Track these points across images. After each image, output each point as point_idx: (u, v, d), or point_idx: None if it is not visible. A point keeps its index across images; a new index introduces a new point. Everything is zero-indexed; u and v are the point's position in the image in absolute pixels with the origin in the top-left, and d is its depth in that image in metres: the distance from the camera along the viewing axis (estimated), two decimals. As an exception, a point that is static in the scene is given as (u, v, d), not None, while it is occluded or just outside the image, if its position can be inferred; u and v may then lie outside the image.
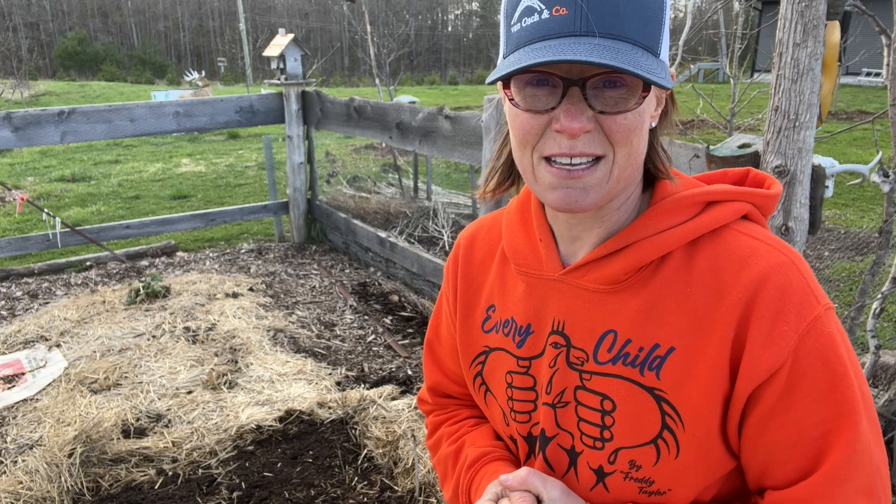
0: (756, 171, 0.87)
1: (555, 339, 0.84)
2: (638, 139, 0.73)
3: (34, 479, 2.48)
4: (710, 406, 0.74)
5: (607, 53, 0.65)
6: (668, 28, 0.73)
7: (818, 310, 0.72)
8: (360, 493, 2.51)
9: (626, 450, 0.79)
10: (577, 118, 0.69)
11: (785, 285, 0.72)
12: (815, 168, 1.82)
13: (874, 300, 2.42)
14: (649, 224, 0.78)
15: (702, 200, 0.78)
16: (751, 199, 0.80)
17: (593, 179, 0.72)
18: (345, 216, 5.23)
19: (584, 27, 0.66)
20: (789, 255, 0.75)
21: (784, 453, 0.73)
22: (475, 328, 0.95)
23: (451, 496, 0.99)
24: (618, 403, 0.79)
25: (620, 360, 0.79)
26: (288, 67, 5.28)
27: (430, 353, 1.08)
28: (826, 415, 0.71)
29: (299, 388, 3.20)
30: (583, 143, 0.71)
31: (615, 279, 0.79)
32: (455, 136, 3.68)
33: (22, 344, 3.73)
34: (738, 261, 0.75)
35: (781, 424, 0.72)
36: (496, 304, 0.93)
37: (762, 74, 12.17)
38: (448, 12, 60.49)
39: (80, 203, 7.29)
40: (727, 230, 0.78)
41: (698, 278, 0.76)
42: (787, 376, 0.71)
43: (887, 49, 2.08)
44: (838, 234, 5.56)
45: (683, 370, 0.75)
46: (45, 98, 18.52)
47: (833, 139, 9.80)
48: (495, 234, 0.95)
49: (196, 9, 51.88)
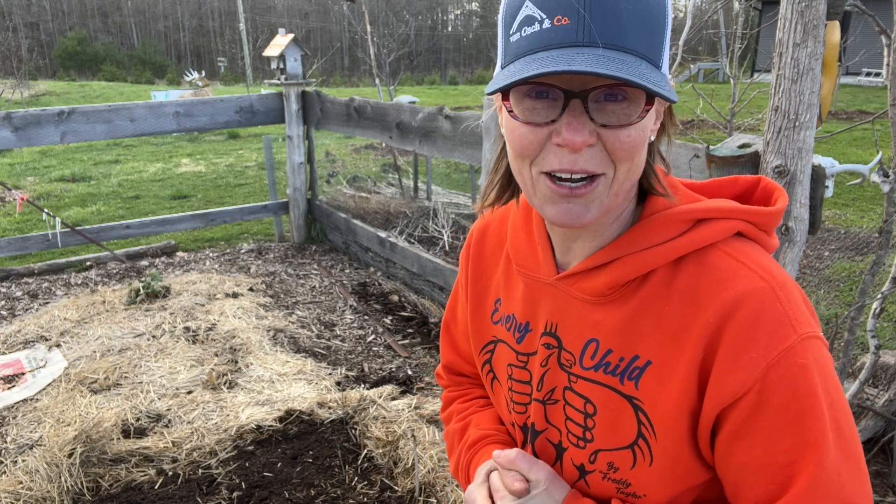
0: (767, 181, 0.84)
1: (547, 340, 0.87)
2: (640, 156, 0.72)
3: (34, 479, 2.48)
4: (680, 420, 0.75)
5: (612, 65, 0.63)
6: (669, 40, 0.72)
7: (792, 339, 0.70)
8: (360, 493, 2.51)
9: (605, 452, 0.82)
10: (579, 132, 0.67)
11: (758, 312, 0.71)
12: (815, 168, 1.82)
13: (874, 300, 2.42)
14: (635, 240, 0.77)
15: (690, 218, 0.77)
16: (745, 216, 0.78)
17: (594, 195, 0.72)
18: (345, 216, 5.23)
19: (586, 38, 0.64)
20: (770, 280, 0.73)
21: (751, 475, 0.73)
22: (485, 318, 0.99)
23: (453, 469, 1.06)
24: (598, 408, 0.81)
25: (602, 367, 0.81)
26: (288, 67, 5.28)
27: (447, 334, 1.12)
28: (792, 443, 0.70)
29: (299, 388, 3.20)
30: (584, 158, 0.69)
31: (600, 292, 0.80)
32: (455, 136, 3.68)
33: (22, 344, 3.73)
34: (717, 282, 0.74)
35: (747, 447, 0.72)
36: (502, 299, 0.96)
37: (762, 74, 12.17)
38: (448, 12, 60.47)
39: (80, 203, 7.29)
40: (713, 249, 0.76)
41: (677, 296, 0.76)
42: (754, 402, 0.70)
43: (887, 49, 2.08)
44: (838, 234, 5.56)
45: (658, 383, 0.76)
46: (45, 98, 18.51)
47: (833, 139, 9.79)
48: (505, 229, 0.97)
49: (196, 9, 51.86)
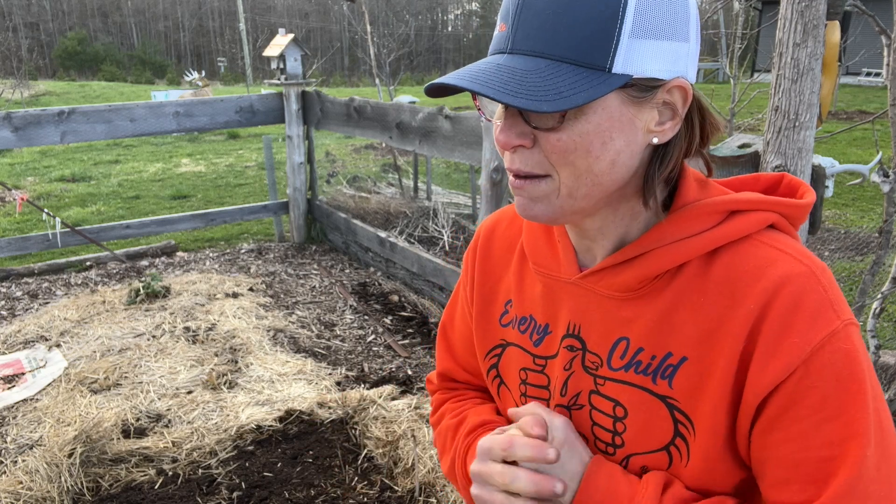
0: (791, 177, 0.83)
1: (570, 342, 0.83)
2: (584, 160, 0.70)
3: (34, 479, 2.48)
4: (720, 416, 0.73)
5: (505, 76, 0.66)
6: (635, 36, 0.67)
7: (836, 324, 0.68)
8: (360, 493, 2.51)
9: (638, 456, 0.78)
10: (506, 132, 0.71)
11: (800, 295, 0.69)
12: (815, 168, 1.82)
13: (874, 300, 2.43)
14: (667, 232, 0.76)
15: (724, 209, 0.75)
16: (778, 208, 0.76)
17: (537, 192, 0.73)
18: (345, 216, 5.23)
19: (509, 44, 0.69)
20: (810, 265, 0.71)
21: (788, 471, 0.70)
22: (492, 321, 0.95)
23: (448, 467, 0.97)
24: (629, 410, 0.78)
25: (633, 367, 0.78)
26: (288, 67, 5.28)
27: (444, 339, 1.08)
28: (834, 436, 0.67)
29: (299, 388, 3.20)
30: (519, 158, 0.72)
31: (629, 287, 0.77)
32: (455, 136, 3.68)
33: (22, 344, 3.74)
34: (755, 271, 0.72)
35: (786, 439, 0.69)
36: (513, 300, 0.92)
37: (762, 74, 12.18)
38: (448, 12, 60.50)
39: (80, 203, 7.29)
40: (748, 240, 0.75)
41: (714, 288, 0.74)
42: (794, 389, 0.68)
43: (887, 49, 2.08)
44: (838, 234, 5.56)
45: (696, 380, 0.74)
46: (45, 98, 18.51)
47: (833, 139, 9.79)
48: (516, 229, 0.95)
49: (196, 9, 51.87)
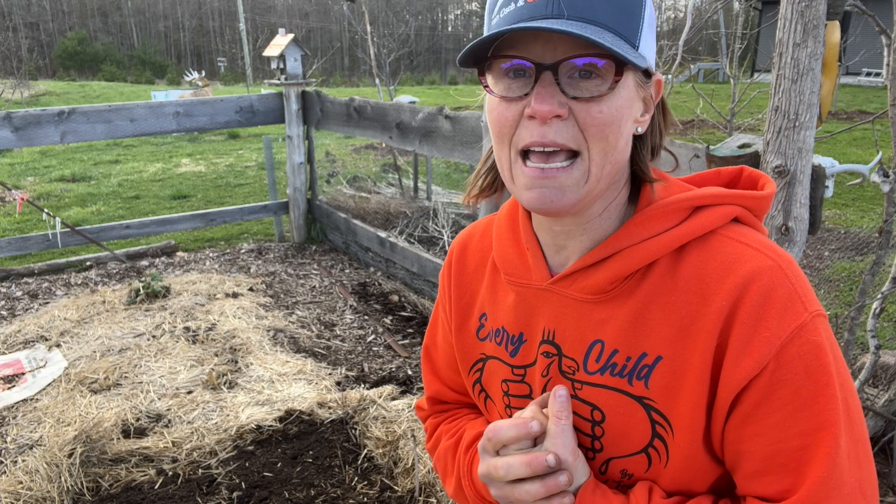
0: (750, 170, 0.84)
1: (546, 349, 0.83)
2: (615, 135, 0.71)
3: (34, 479, 2.48)
4: (698, 414, 0.73)
5: (577, 29, 0.65)
6: (650, 25, 0.72)
7: (804, 316, 0.70)
8: (360, 493, 2.51)
9: (617, 459, 0.79)
10: (546, 101, 0.68)
11: (769, 290, 0.70)
12: (815, 168, 1.82)
13: (874, 300, 2.42)
14: (635, 231, 0.76)
15: (689, 206, 0.76)
16: (741, 201, 0.78)
17: (569, 180, 0.71)
18: (345, 216, 5.23)
19: (555, 10, 0.67)
20: (777, 259, 0.72)
21: (763, 463, 0.71)
22: (471, 336, 0.95)
23: (454, 488, 0.95)
24: (607, 414, 0.78)
25: (608, 370, 0.78)
26: (288, 67, 5.28)
27: (428, 362, 1.07)
28: (806, 427, 0.68)
29: (299, 388, 3.20)
30: (554, 130, 0.70)
31: (601, 289, 0.78)
32: (455, 136, 3.68)
33: (22, 344, 3.73)
34: (723, 267, 0.73)
35: (760, 432, 0.70)
36: (487, 313, 0.92)
37: (762, 74, 12.17)
38: (448, 12, 60.48)
39: (80, 203, 7.29)
40: (715, 235, 0.76)
41: (684, 285, 0.74)
42: (767, 383, 0.69)
43: (887, 49, 2.08)
44: (838, 234, 5.56)
45: (671, 378, 0.74)
46: (45, 98, 18.51)
47: (833, 139, 9.79)
48: (487, 242, 0.95)
49: (196, 9, 51.86)
